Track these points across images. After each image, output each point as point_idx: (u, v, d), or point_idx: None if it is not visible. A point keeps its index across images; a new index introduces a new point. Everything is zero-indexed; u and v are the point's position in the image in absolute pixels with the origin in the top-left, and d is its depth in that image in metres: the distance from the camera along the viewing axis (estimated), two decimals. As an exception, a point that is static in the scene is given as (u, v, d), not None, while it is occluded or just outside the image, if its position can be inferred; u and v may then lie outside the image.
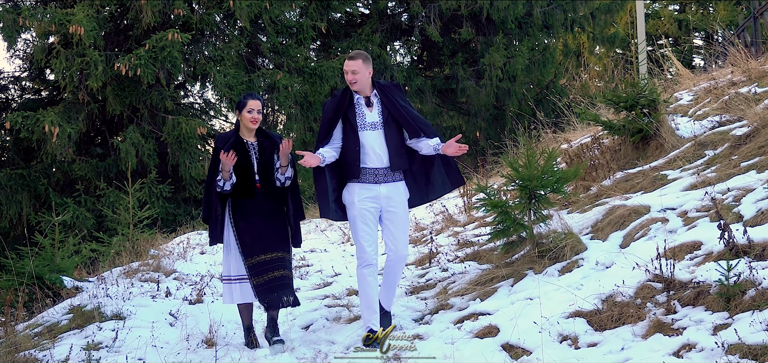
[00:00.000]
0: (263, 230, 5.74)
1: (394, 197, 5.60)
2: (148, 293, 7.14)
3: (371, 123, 5.59)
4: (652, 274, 5.23)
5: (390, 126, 5.60)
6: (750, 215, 5.62)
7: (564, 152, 9.16)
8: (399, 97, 5.71)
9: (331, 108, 5.70)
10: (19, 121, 12.20)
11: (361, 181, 5.56)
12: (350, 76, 5.59)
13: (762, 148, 6.88)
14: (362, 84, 5.60)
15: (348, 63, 5.61)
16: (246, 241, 5.69)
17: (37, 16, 12.72)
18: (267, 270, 5.68)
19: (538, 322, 5.18)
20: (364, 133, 5.57)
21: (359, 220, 5.54)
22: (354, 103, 5.63)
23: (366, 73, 5.60)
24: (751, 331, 4.20)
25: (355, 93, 5.64)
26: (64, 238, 8.76)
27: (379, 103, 5.65)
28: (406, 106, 5.71)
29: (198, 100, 16.56)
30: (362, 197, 5.54)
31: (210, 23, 14.18)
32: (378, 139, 5.57)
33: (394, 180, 5.63)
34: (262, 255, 5.68)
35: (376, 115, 5.61)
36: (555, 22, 18.18)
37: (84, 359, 5.44)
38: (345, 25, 18.13)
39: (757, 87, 8.82)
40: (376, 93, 5.67)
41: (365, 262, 5.53)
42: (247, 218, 5.74)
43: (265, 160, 5.81)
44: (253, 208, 5.77)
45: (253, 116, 5.77)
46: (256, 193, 5.78)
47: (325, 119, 5.69)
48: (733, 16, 23.11)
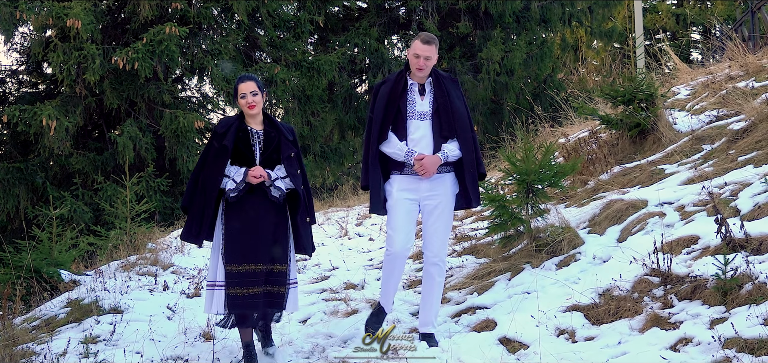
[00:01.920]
0: (259, 235, 5.08)
1: (437, 189, 5.19)
2: (145, 287, 7.13)
3: (421, 112, 5.17)
4: (649, 269, 5.24)
5: (438, 117, 5.18)
6: (747, 209, 5.63)
7: (561, 146, 9.16)
8: (454, 92, 5.26)
9: (386, 94, 5.22)
10: (16, 115, 12.19)
11: (404, 172, 5.18)
12: (422, 62, 5.12)
13: (759, 142, 6.89)
14: (428, 72, 5.20)
15: (421, 47, 5.12)
16: (235, 244, 5.05)
17: (34, 9, 12.69)
18: (251, 282, 5.02)
19: (535, 316, 5.19)
20: (411, 122, 5.16)
21: (395, 209, 5.15)
22: (407, 90, 5.21)
23: (434, 62, 5.20)
24: (747, 325, 4.20)
25: (409, 78, 5.22)
26: (61, 231, 8.76)
27: (431, 92, 5.22)
28: (456, 103, 5.23)
29: (195, 94, 16.56)
30: (402, 188, 5.16)
31: (207, 17, 14.16)
32: (426, 130, 5.16)
33: (439, 173, 5.19)
34: (250, 264, 5.03)
35: (427, 104, 5.19)
36: (553, 17, 18.19)
37: (82, 353, 5.43)
38: (342, 19, 18.13)
39: (754, 81, 8.83)
40: (431, 81, 5.24)
41: (393, 253, 5.17)
42: (243, 217, 5.09)
43: (270, 151, 5.18)
44: (251, 205, 5.10)
45: (247, 101, 5.13)
46: (256, 188, 5.10)
47: (379, 108, 5.20)
48: (731, 10, 23.11)
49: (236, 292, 4.99)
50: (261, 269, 5.03)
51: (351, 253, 8.56)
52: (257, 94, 5.13)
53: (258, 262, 5.04)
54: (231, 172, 5.12)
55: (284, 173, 5.19)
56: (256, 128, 5.19)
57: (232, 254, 5.02)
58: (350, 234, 9.68)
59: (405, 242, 5.16)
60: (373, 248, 8.71)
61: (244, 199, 5.09)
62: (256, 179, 5.06)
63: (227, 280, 4.99)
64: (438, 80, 5.22)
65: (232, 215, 5.10)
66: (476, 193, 5.27)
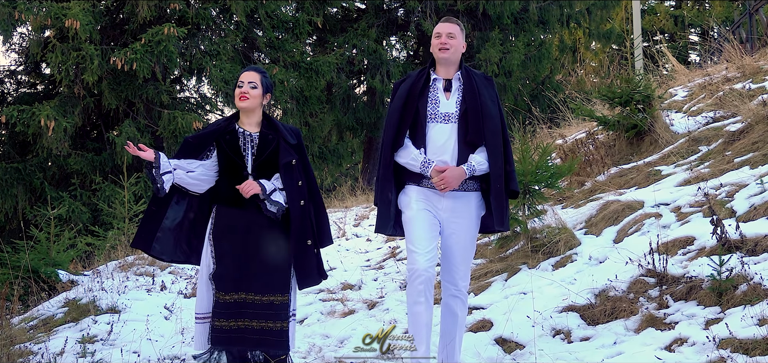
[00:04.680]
0: (253, 258, 4.35)
1: (460, 210, 4.32)
2: (143, 287, 7.15)
3: (445, 114, 4.31)
4: (645, 269, 5.26)
5: (466, 121, 4.31)
6: (742, 211, 5.64)
7: (559, 147, 9.18)
8: (487, 93, 4.40)
9: (404, 93, 4.38)
10: (14, 115, 12.20)
11: (422, 185, 4.32)
12: (444, 40, 4.33)
13: (755, 144, 6.91)
14: (455, 54, 4.36)
15: (441, 25, 4.38)
16: (223, 268, 4.33)
17: (32, 9, 12.70)
18: (240, 314, 4.30)
19: (531, 316, 5.20)
20: (433, 125, 4.30)
21: (415, 222, 4.28)
22: (429, 87, 4.37)
23: (461, 43, 4.39)
24: (742, 326, 4.22)
25: (433, 73, 4.40)
26: (59, 231, 8.77)
27: (460, 90, 4.36)
28: (488, 105, 4.36)
29: (194, 95, 16.57)
30: (419, 199, 4.31)
31: (206, 17, 14.18)
32: (449, 134, 4.29)
33: (462, 189, 4.32)
34: (240, 293, 4.32)
35: (454, 104, 4.33)
36: (551, 18, 18.22)
37: (79, 352, 5.45)
38: (341, 20, 18.15)
39: (751, 83, 8.85)
40: (460, 77, 4.40)
41: (416, 273, 4.21)
42: (234, 237, 4.37)
43: (266, 156, 4.43)
44: (244, 223, 4.39)
45: (241, 91, 4.41)
46: (248, 201, 4.38)
47: (394, 110, 4.37)
48: (729, 12, 23.15)
49: (222, 325, 4.27)
50: (254, 300, 4.32)
51: (348, 254, 8.58)
52: (257, 88, 4.44)
53: (250, 290, 4.33)
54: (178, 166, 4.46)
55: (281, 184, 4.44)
56: (249, 130, 4.45)
57: (220, 280, 4.32)
58: (348, 234, 9.70)
59: (430, 259, 4.25)
60: (371, 249, 8.73)
61: (235, 215, 4.39)
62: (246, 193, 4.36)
63: (214, 310, 4.29)
64: (468, 76, 4.39)
65: (220, 234, 4.39)
66: (502, 215, 4.37)
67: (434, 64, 4.42)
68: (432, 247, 4.26)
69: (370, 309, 6.29)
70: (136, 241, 4.45)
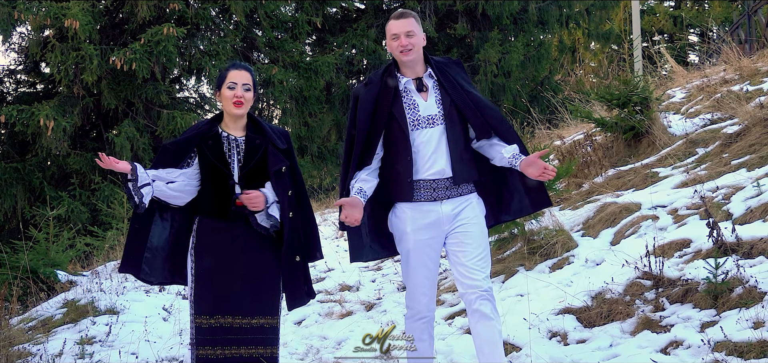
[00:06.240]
0: (239, 277, 3.84)
1: (464, 212, 3.90)
2: (141, 288, 7.17)
3: (428, 117, 3.85)
4: (642, 272, 5.27)
5: (453, 120, 3.88)
6: (739, 213, 5.66)
7: (557, 149, 9.20)
8: (463, 79, 3.99)
9: (368, 102, 3.88)
10: (14, 115, 12.21)
11: (415, 200, 3.85)
12: (403, 41, 3.85)
13: (752, 146, 6.93)
14: (418, 52, 3.90)
15: (395, 24, 3.88)
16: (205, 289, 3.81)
17: (32, 9, 12.71)
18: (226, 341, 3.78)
19: (527, 318, 5.22)
20: (418, 132, 3.84)
21: (414, 257, 3.87)
22: (400, 91, 3.88)
23: (421, 40, 3.91)
24: (737, 329, 4.24)
25: (399, 76, 3.91)
26: (58, 232, 8.79)
27: (436, 87, 3.93)
28: (471, 91, 3.96)
29: (193, 95, 16.60)
30: (418, 225, 3.85)
31: (205, 17, 14.20)
32: (437, 139, 3.84)
33: (460, 194, 3.91)
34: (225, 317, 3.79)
35: (434, 104, 3.88)
36: (550, 18, 18.24)
37: (77, 354, 5.47)
38: (340, 20, 18.17)
39: (748, 85, 8.87)
40: (431, 73, 3.95)
41: (417, 315, 3.94)
42: (216, 253, 3.84)
43: (253, 164, 3.92)
44: (227, 237, 3.86)
45: (235, 94, 3.89)
46: (233, 214, 3.87)
47: (361, 122, 3.87)
48: (728, 12, 23.16)
49: (207, 354, 3.77)
50: (242, 324, 3.81)
51: (346, 255, 8.58)
52: (250, 91, 3.95)
53: (237, 313, 3.81)
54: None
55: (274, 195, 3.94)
56: (234, 134, 3.95)
57: (202, 302, 3.80)
58: (345, 236, 9.70)
59: (431, 300, 3.94)
60: (369, 250, 8.73)
61: (219, 228, 3.87)
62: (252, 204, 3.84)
63: (197, 338, 3.79)
64: (439, 69, 3.96)
65: (202, 251, 3.86)
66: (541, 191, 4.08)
67: (397, 65, 3.96)
68: (432, 284, 3.93)
69: (367, 310, 6.31)
70: (124, 267, 3.96)
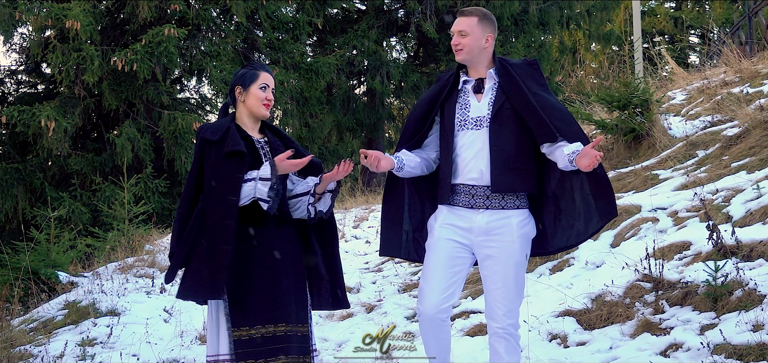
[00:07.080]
0: (280, 281, 3.50)
1: (498, 233, 3.57)
2: (142, 289, 7.18)
3: (476, 119, 3.62)
4: (641, 274, 5.28)
5: (503, 124, 3.58)
6: (739, 216, 5.67)
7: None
8: (532, 82, 3.68)
9: (432, 91, 3.78)
10: (15, 115, 12.24)
11: (452, 203, 3.64)
12: (456, 39, 3.64)
13: (752, 148, 6.94)
14: (471, 53, 3.64)
15: (455, 22, 3.68)
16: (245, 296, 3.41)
17: (33, 10, 12.75)
18: (271, 351, 3.39)
19: (527, 320, 5.23)
20: (462, 133, 3.63)
21: (431, 252, 3.64)
22: (457, 90, 3.71)
23: (480, 38, 3.63)
24: (736, 332, 4.25)
25: (464, 76, 3.72)
26: (59, 233, 8.81)
27: (495, 88, 3.65)
28: (541, 93, 3.65)
29: (194, 96, 16.63)
30: (447, 222, 3.63)
31: (206, 18, 14.22)
32: (480, 142, 3.59)
33: (501, 207, 3.59)
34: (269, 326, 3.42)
35: (485, 106, 3.62)
36: (551, 19, 18.25)
37: (79, 355, 5.48)
38: (341, 21, 18.19)
39: (748, 87, 8.88)
40: (494, 74, 3.67)
41: (424, 316, 3.61)
42: (255, 256, 3.48)
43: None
44: (264, 243, 3.51)
45: (267, 96, 3.62)
46: (268, 219, 3.53)
47: (417, 106, 3.80)
48: (729, 14, 23.17)
49: None
50: (285, 332, 3.46)
51: (347, 256, 8.60)
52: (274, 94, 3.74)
53: (280, 321, 3.46)
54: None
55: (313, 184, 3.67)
56: (257, 136, 3.65)
57: (243, 311, 3.40)
58: (347, 237, 9.72)
59: (441, 300, 3.57)
60: (369, 251, 8.75)
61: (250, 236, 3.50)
62: (293, 165, 3.49)
63: (237, 352, 3.35)
64: (506, 70, 3.65)
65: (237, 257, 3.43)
66: (609, 203, 3.61)
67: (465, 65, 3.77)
68: (448, 284, 3.58)
69: (368, 312, 6.32)
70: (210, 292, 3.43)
